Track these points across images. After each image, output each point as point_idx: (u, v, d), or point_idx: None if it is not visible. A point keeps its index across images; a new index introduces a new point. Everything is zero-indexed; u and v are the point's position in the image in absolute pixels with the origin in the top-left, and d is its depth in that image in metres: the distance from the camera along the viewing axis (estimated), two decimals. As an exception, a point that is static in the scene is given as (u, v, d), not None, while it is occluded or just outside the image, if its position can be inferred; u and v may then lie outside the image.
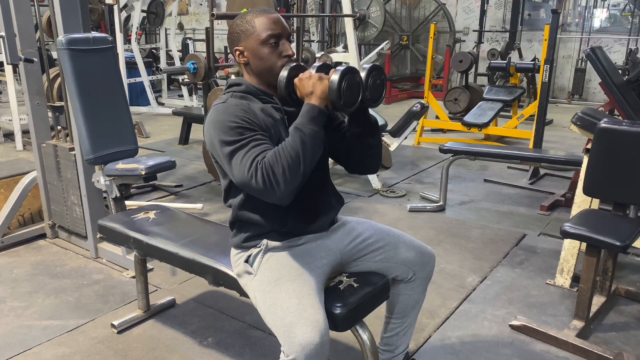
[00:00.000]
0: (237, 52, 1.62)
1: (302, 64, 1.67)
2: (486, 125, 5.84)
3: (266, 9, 1.62)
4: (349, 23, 4.60)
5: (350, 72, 1.50)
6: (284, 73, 1.55)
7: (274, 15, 1.60)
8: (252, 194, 1.50)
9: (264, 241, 1.66)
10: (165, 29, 9.01)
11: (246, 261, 1.68)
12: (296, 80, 1.52)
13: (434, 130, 6.73)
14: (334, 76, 1.47)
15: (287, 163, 1.41)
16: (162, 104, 8.23)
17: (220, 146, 1.50)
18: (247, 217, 1.67)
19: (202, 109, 5.38)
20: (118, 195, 2.73)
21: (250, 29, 1.58)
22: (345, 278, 1.72)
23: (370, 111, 1.66)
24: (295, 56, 1.60)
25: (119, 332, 2.35)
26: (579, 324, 2.34)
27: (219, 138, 1.50)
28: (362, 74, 1.55)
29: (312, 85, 1.48)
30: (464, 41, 10.06)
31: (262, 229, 1.67)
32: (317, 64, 1.60)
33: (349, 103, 1.52)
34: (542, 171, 4.74)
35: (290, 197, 1.45)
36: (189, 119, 5.89)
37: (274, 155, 1.43)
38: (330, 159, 1.79)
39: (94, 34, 2.73)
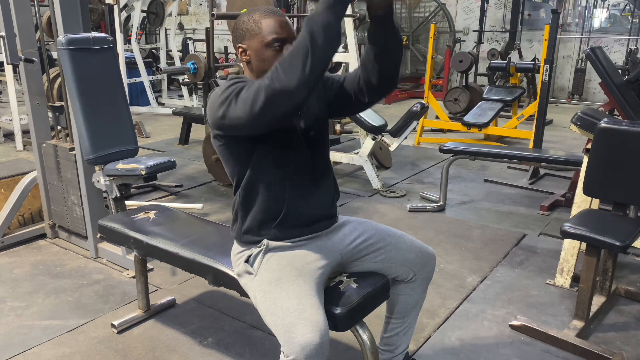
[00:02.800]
0: (240, 50, 1.62)
1: None
2: (486, 125, 5.84)
3: (274, 10, 1.60)
4: (349, 23, 4.60)
5: None
6: None
7: (282, 18, 1.58)
8: (263, 119, 1.40)
9: (264, 241, 1.66)
10: (165, 29, 9.01)
11: (246, 261, 1.68)
12: None
13: (434, 130, 6.73)
14: None
15: (292, 56, 1.31)
16: (162, 104, 8.23)
17: (219, 107, 1.48)
18: (248, 204, 1.66)
19: (202, 109, 5.38)
20: (118, 195, 2.73)
21: (256, 29, 1.57)
22: (345, 278, 1.72)
23: (370, 111, 1.65)
24: None
25: (119, 332, 2.35)
26: (579, 324, 2.34)
27: (217, 101, 1.49)
28: None
29: None
30: (464, 41, 10.06)
31: (263, 215, 1.65)
32: None
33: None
34: (542, 171, 4.74)
35: (302, 90, 1.32)
36: (189, 119, 5.89)
37: (277, 62, 1.35)
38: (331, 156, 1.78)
39: (94, 34, 2.73)
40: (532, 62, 7.22)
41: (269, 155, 1.61)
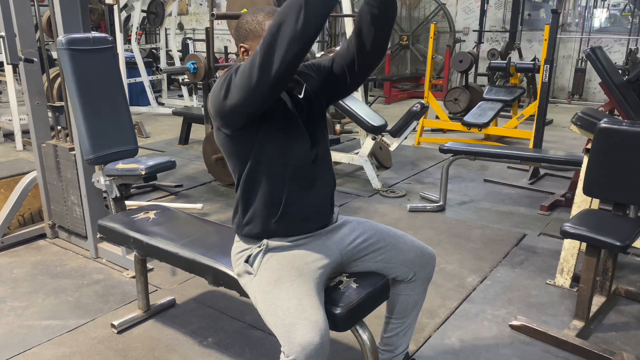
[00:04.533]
0: (242, 49, 1.62)
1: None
2: (486, 125, 5.84)
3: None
4: (349, 23, 4.60)
5: None
6: None
7: None
8: (263, 92, 1.40)
9: (265, 241, 1.66)
10: (165, 29, 9.01)
11: (246, 261, 1.68)
12: None
13: (434, 130, 6.73)
14: None
15: (285, 14, 1.29)
16: (162, 104, 8.23)
17: (220, 90, 1.48)
18: (250, 195, 1.66)
19: (202, 109, 5.38)
20: (118, 195, 2.73)
21: (259, 30, 1.57)
22: (345, 278, 1.72)
23: (370, 111, 1.65)
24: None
25: (119, 332, 2.35)
26: (579, 324, 2.34)
27: (219, 85, 1.49)
28: None
29: None
30: (464, 41, 10.06)
31: (263, 207, 1.65)
32: None
33: None
34: (542, 171, 4.74)
35: (295, 45, 1.29)
36: (189, 119, 5.89)
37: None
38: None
39: (94, 34, 2.73)
40: (532, 62, 7.22)
41: (270, 145, 1.61)
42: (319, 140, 1.69)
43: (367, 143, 4.45)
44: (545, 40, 4.85)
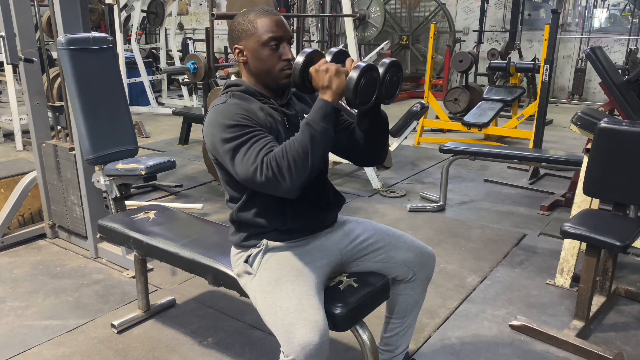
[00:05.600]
0: (237, 51, 1.62)
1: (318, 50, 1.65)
2: (486, 125, 5.84)
3: (269, 10, 1.61)
4: (349, 23, 4.60)
5: (369, 70, 1.44)
6: (299, 59, 1.49)
7: (277, 17, 1.59)
8: (257, 189, 1.49)
9: (264, 241, 1.66)
10: (165, 29, 9.01)
11: (246, 261, 1.68)
12: (312, 70, 1.47)
13: (434, 130, 6.73)
14: (353, 73, 1.42)
15: (294, 158, 1.40)
16: (162, 104, 8.23)
17: (221, 144, 1.49)
18: (247, 217, 1.67)
19: (202, 109, 5.38)
20: (118, 195, 2.73)
21: (251, 29, 1.58)
22: (345, 278, 1.72)
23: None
24: (294, 59, 1.58)
25: (119, 332, 2.35)
26: (579, 324, 2.34)
27: (220, 136, 1.49)
28: (380, 70, 1.49)
29: (328, 79, 1.44)
30: (464, 41, 10.06)
31: (261, 229, 1.66)
32: (334, 49, 1.56)
33: (364, 101, 1.48)
34: (542, 171, 4.74)
35: (298, 191, 1.44)
36: (189, 119, 5.89)
37: (281, 151, 1.42)
38: (331, 156, 1.80)
39: (94, 34, 2.73)
40: (532, 62, 7.22)
41: None
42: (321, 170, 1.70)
43: (367, 143, 4.44)
44: (545, 40, 4.85)
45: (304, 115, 1.62)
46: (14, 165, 3.67)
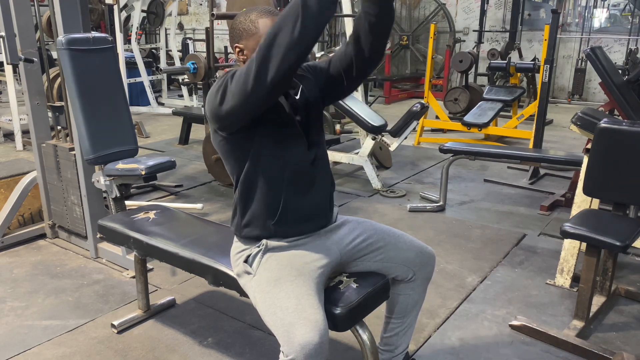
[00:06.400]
0: (238, 50, 1.63)
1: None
2: (486, 125, 5.84)
3: (271, 10, 1.61)
4: (349, 23, 4.60)
5: None
6: None
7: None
8: (259, 94, 1.39)
9: (264, 241, 1.66)
10: (165, 29, 9.01)
11: (245, 261, 1.68)
12: None
13: (434, 130, 6.73)
14: None
15: (282, 22, 1.30)
16: (162, 104, 8.23)
17: (215, 95, 1.49)
18: (248, 192, 1.66)
19: (202, 109, 5.38)
20: (118, 195, 2.73)
21: (253, 29, 1.58)
22: (345, 278, 1.72)
23: (370, 111, 1.65)
24: None
25: (119, 332, 2.35)
26: (579, 324, 2.34)
27: (214, 90, 1.49)
28: None
29: None
30: (464, 41, 10.06)
31: (262, 209, 1.65)
32: None
33: None
34: (542, 171, 4.74)
35: (291, 54, 1.31)
36: (189, 119, 5.89)
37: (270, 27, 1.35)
38: (331, 156, 1.79)
39: (94, 34, 2.73)
40: (532, 62, 7.22)
41: (267, 148, 1.61)
42: (316, 141, 1.69)
43: (367, 143, 4.45)
44: (545, 40, 4.85)
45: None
46: (14, 165, 3.67)
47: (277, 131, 1.60)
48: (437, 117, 6.67)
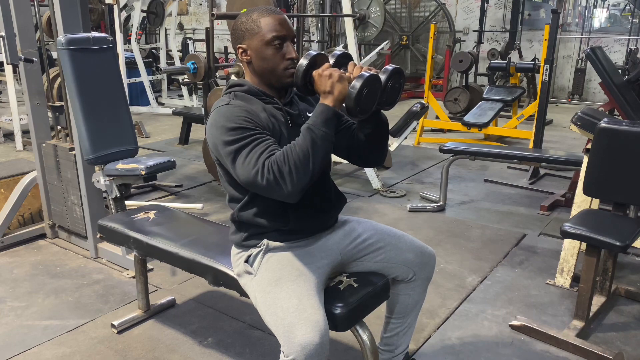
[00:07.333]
0: (240, 50, 1.62)
1: (322, 52, 1.64)
2: (486, 125, 5.84)
3: (273, 9, 1.60)
4: (349, 23, 4.60)
5: (372, 81, 1.43)
6: (303, 62, 1.49)
7: (281, 16, 1.59)
8: (258, 192, 1.49)
9: (264, 241, 1.66)
10: (165, 29, 9.01)
11: (246, 261, 1.68)
12: (315, 74, 1.48)
13: (434, 130, 6.73)
14: (356, 83, 1.41)
15: (295, 162, 1.40)
16: (162, 104, 8.22)
17: (223, 147, 1.49)
18: (248, 217, 1.67)
19: (202, 109, 5.38)
20: (118, 195, 2.73)
21: (255, 28, 1.57)
22: (345, 278, 1.72)
23: None
24: (298, 58, 1.58)
25: (119, 332, 2.35)
26: (579, 324, 2.34)
27: (222, 139, 1.49)
28: (382, 78, 1.48)
29: (330, 85, 1.44)
30: (464, 41, 10.06)
31: (262, 229, 1.66)
32: (337, 52, 1.57)
33: (365, 110, 1.48)
34: (542, 171, 4.74)
35: (299, 195, 1.44)
36: (189, 119, 5.89)
37: (282, 155, 1.42)
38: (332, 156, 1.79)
39: (94, 34, 2.73)
40: (532, 62, 7.22)
41: None
42: (324, 171, 1.70)
43: (367, 143, 4.44)
44: (545, 40, 4.85)
45: (308, 114, 1.62)
46: (14, 165, 3.67)
47: None
48: (437, 117, 6.67)
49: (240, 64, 1.73)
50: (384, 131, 1.66)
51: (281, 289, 1.53)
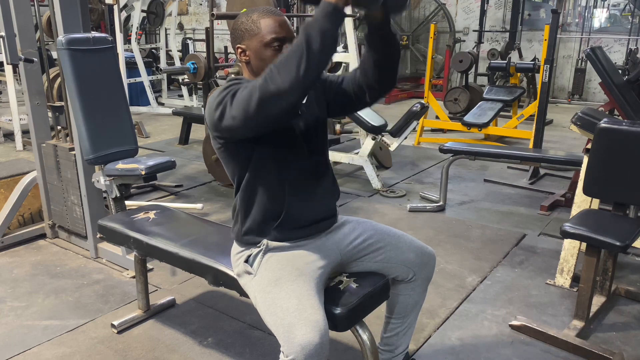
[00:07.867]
0: (239, 50, 1.62)
1: None
2: (486, 125, 5.84)
3: (273, 10, 1.60)
4: (348, 23, 4.60)
5: None
6: None
7: (281, 18, 1.59)
8: (257, 113, 1.39)
9: (264, 241, 1.66)
10: (165, 29, 9.01)
11: (246, 261, 1.68)
12: None
13: (434, 130, 6.73)
14: None
15: (288, 56, 1.32)
16: (162, 104, 8.23)
17: (215, 110, 1.48)
18: (247, 202, 1.66)
19: (202, 109, 5.38)
20: (118, 195, 2.73)
21: (255, 29, 1.57)
22: (345, 278, 1.72)
23: (370, 111, 1.65)
24: None
25: (119, 332, 2.35)
26: (579, 324, 2.34)
27: (215, 104, 1.49)
28: None
29: None
30: (464, 41, 10.05)
31: (261, 215, 1.65)
32: None
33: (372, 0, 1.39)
34: (542, 171, 4.74)
35: (295, 93, 1.34)
36: (189, 119, 5.89)
37: (274, 63, 1.36)
38: (332, 156, 1.78)
39: (94, 34, 2.73)
40: (532, 62, 7.22)
41: (268, 156, 1.61)
42: (317, 149, 1.69)
43: (367, 143, 4.45)
44: (545, 40, 4.85)
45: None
46: (14, 165, 3.67)
47: (279, 139, 1.60)
48: (437, 117, 6.67)
49: (240, 63, 1.72)
50: (396, 47, 1.55)
51: (281, 289, 1.53)
